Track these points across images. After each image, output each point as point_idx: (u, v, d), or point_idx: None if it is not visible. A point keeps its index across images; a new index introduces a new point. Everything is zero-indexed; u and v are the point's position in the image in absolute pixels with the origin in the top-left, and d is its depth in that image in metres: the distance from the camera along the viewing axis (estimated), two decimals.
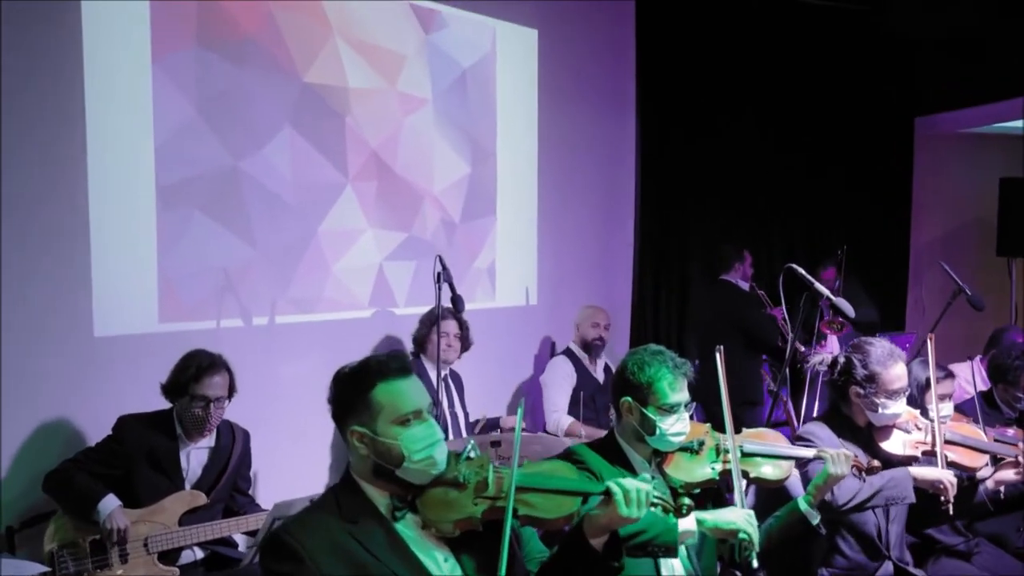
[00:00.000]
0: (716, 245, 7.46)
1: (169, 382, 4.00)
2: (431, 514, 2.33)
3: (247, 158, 4.96)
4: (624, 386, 3.05)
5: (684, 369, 3.04)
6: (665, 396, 2.97)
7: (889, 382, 3.50)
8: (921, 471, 3.51)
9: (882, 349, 3.56)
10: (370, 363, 2.38)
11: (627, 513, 2.31)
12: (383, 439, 2.31)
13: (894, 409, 3.53)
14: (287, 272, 5.20)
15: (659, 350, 3.07)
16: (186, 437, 4.01)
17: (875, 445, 3.61)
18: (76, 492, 3.75)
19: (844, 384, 3.60)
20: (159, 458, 3.94)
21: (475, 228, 6.33)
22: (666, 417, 2.98)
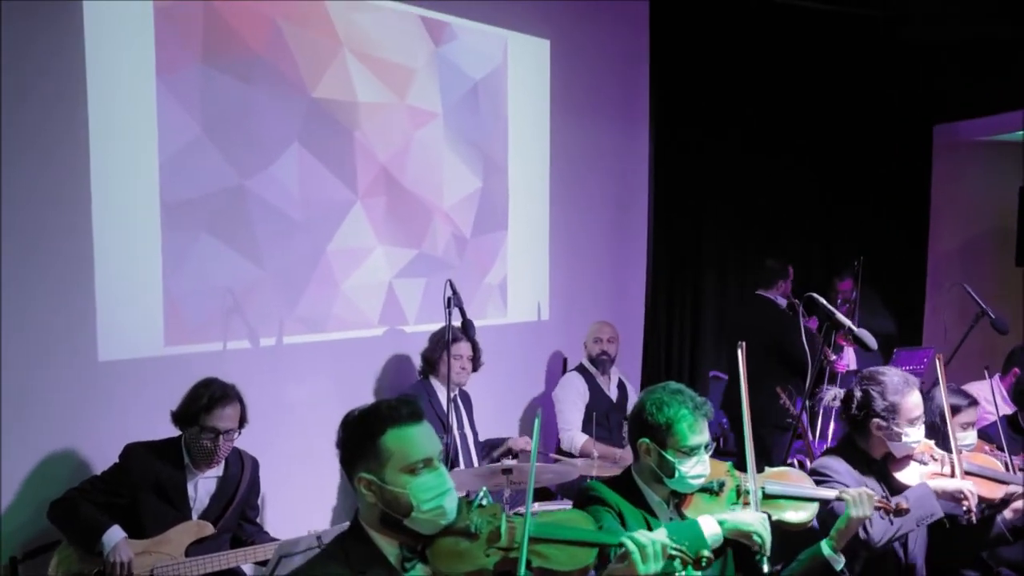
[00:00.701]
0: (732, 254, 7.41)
1: (180, 410, 3.92)
2: (441, 565, 2.26)
3: (254, 176, 4.88)
4: (642, 427, 2.95)
5: (704, 410, 2.93)
6: (685, 439, 2.88)
7: (909, 410, 3.45)
8: (940, 483, 3.46)
9: (898, 378, 3.51)
10: (380, 408, 2.31)
11: (644, 570, 2.25)
12: (391, 487, 2.24)
13: (915, 437, 3.47)
14: (295, 292, 5.12)
15: (678, 389, 2.97)
16: (194, 466, 3.94)
17: (891, 477, 3.54)
18: (81, 523, 3.67)
19: (864, 418, 3.52)
20: (166, 488, 3.86)
21: (486, 243, 6.25)
22: (686, 460, 2.89)
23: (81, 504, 3.70)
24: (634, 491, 2.99)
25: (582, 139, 6.87)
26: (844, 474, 3.45)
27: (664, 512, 2.99)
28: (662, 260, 7.57)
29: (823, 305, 3.79)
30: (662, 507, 2.99)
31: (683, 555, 2.33)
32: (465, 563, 2.27)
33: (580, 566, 2.31)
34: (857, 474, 3.48)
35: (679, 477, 2.90)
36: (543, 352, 6.73)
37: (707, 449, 2.94)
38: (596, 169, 7.02)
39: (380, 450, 2.25)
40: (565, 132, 6.74)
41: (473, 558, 2.27)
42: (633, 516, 2.89)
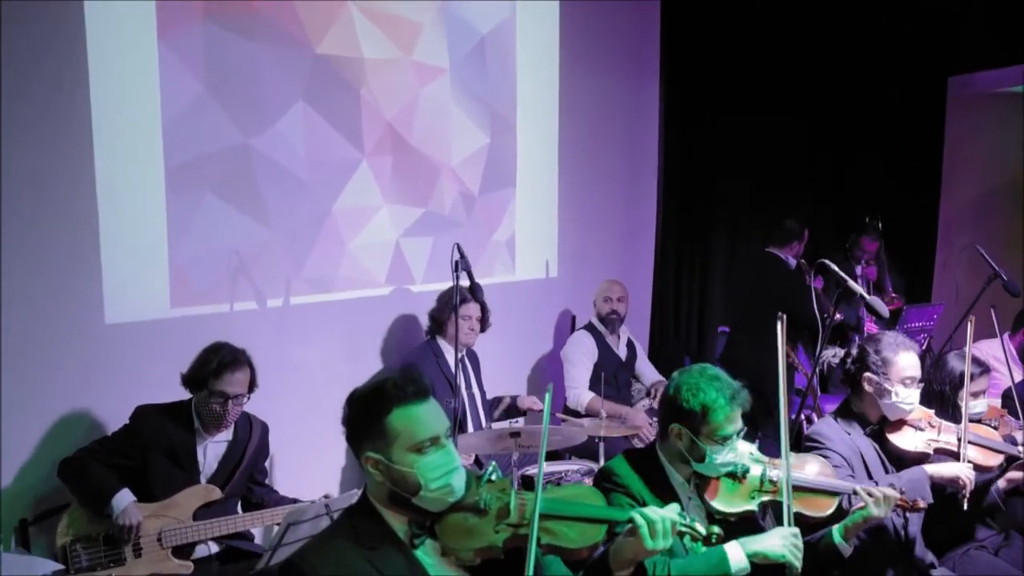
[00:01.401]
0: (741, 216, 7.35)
1: (189, 374, 3.92)
2: (450, 542, 2.25)
3: (259, 135, 4.81)
4: (675, 411, 2.88)
5: (740, 399, 2.85)
6: (721, 428, 2.82)
7: (902, 369, 3.47)
8: (939, 468, 3.46)
9: (893, 338, 3.56)
10: (386, 386, 2.27)
11: (652, 545, 2.24)
12: (398, 467, 2.22)
13: (906, 398, 3.48)
14: (301, 252, 5.08)
15: (716, 375, 2.89)
16: (204, 430, 3.94)
17: (886, 441, 3.55)
18: (91, 484, 3.68)
19: (857, 372, 3.55)
20: (176, 451, 3.87)
21: (494, 201, 6.19)
22: (719, 448, 2.84)
23: (91, 465, 3.71)
24: (657, 470, 2.94)
25: (592, 94, 6.78)
26: (837, 441, 3.48)
27: (684, 492, 2.94)
28: (672, 218, 7.52)
29: (835, 272, 3.75)
30: (684, 487, 2.95)
31: (693, 532, 2.32)
32: (474, 539, 2.25)
33: (590, 543, 2.29)
34: (851, 440, 3.50)
35: (709, 463, 2.87)
36: (552, 310, 6.70)
37: (739, 436, 2.90)
38: (606, 125, 6.94)
39: (386, 430, 2.23)
40: (574, 87, 6.64)
41: (482, 534, 2.26)
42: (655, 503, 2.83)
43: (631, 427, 5.17)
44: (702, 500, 2.94)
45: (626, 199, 7.20)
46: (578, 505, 2.36)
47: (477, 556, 2.25)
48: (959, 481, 3.42)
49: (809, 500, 3.01)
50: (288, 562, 2.21)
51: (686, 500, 2.93)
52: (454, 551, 2.25)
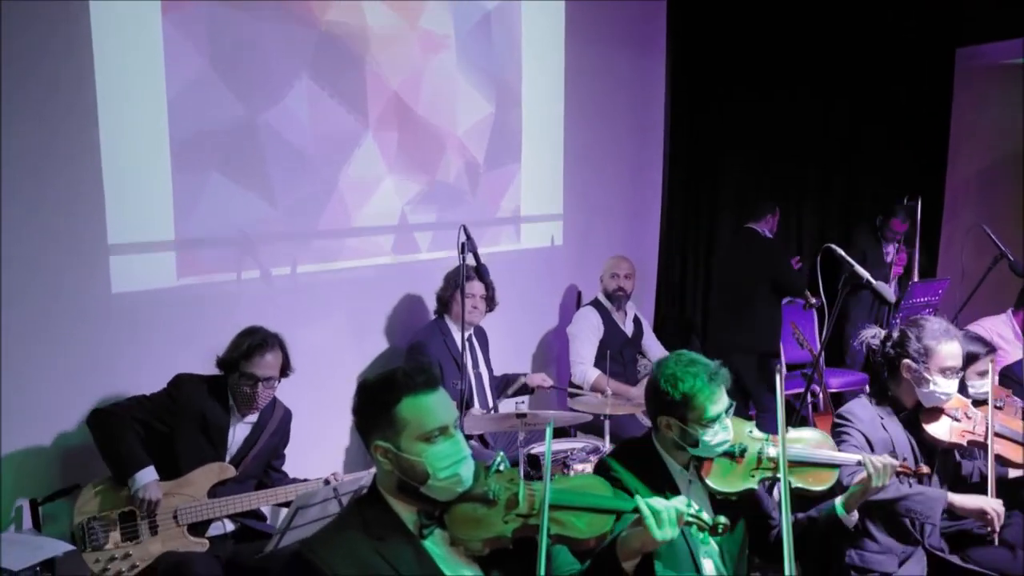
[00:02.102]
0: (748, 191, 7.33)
1: (223, 356, 3.97)
2: (459, 532, 2.26)
3: (264, 110, 4.78)
4: (660, 405, 2.89)
5: (720, 377, 2.86)
6: (705, 411, 2.83)
7: (943, 359, 3.40)
8: (963, 499, 3.39)
9: (939, 325, 3.47)
10: (396, 376, 2.27)
11: (659, 536, 2.24)
12: (407, 456, 2.22)
13: (945, 388, 3.42)
14: (307, 226, 5.07)
15: (691, 360, 2.89)
16: (237, 410, 3.98)
17: (920, 428, 3.50)
18: (121, 451, 3.72)
19: (896, 357, 3.48)
20: (208, 425, 3.92)
21: (500, 173, 6.16)
22: (708, 430, 2.85)
23: (128, 430, 3.74)
24: (655, 460, 2.96)
25: (598, 67, 6.74)
26: (866, 421, 3.44)
27: (684, 478, 2.97)
28: (678, 194, 7.49)
29: (841, 256, 3.73)
30: (682, 474, 2.97)
31: (699, 522, 2.32)
32: (483, 530, 2.26)
33: (598, 533, 2.30)
34: (882, 423, 3.46)
35: (704, 446, 2.87)
36: (557, 285, 6.70)
37: (728, 413, 2.91)
38: (612, 97, 6.89)
39: (395, 419, 2.23)
40: (580, 58, 6.59)
41: (491, 525, 2.27)
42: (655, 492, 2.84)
43: (636, 404, 5.18)
44: (702, 483, 2.96)
45: (632, 175, 7.17)
46: (586, 495, 2.36)
47: (486, 546, 2.25)
48: (985, 516, 3.35)
49: (809, 474, 3.01)
50: (297, 553, 2.21)
51: (686, 485, 2.95)
52: (463, 541, 2.25)
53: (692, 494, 2.95)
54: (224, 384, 3.97)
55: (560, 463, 4.67)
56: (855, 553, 3.45)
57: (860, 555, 3.44)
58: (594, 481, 2.50)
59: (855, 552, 3.45)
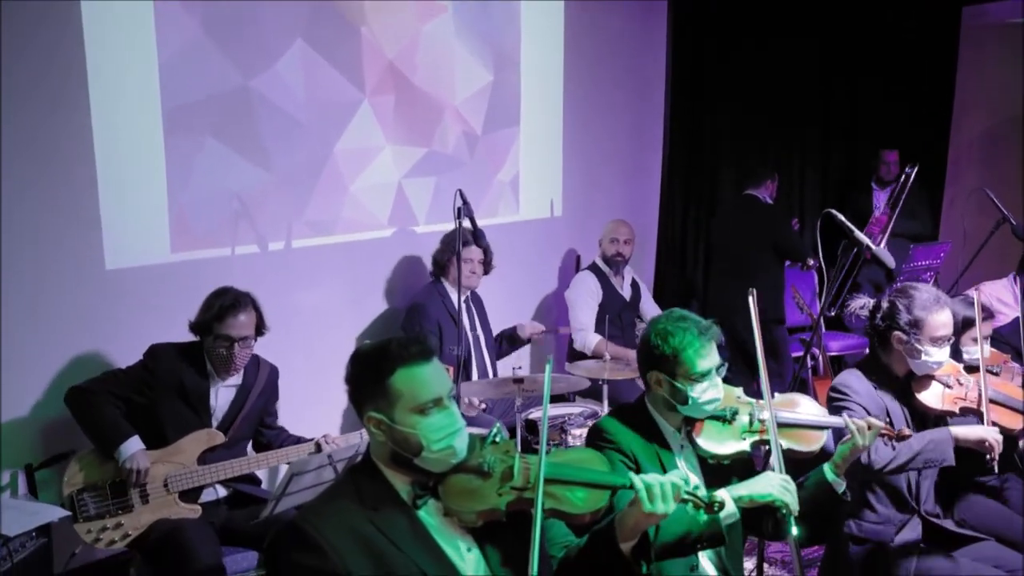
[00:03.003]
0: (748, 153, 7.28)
1: (196, 319, 3.94)
2: (453, 503, 2.24)
3: (258, 76, 4.74)
4: (650, 359, 2.90)
5: (710, 334, 2.88)
6: (694, 365, 2.84)
7: (934, 329, 3.36)
8: (964, 431, 3.37)
9: (928, 295, 3.41)
10: (390, 347, 2.24)
11: (652, 509, 2.20)
12: (400, 427, 2.20)
13: (936, 357, 3.40)
14: (303, 194, 5.04)
15: (682, 315, 2.92)
16: (216, 374, 3.96)
17: (912, 396, 3.48)
18: (102, 425, 3.71)
19: (886, 329, 3.45)
20: (188, 392, 3.90)
21: (498, 140, 6.11)
22: (697, 385, 2.85)
23: (107, 405, 3.73)
24: (647, 422, 2.96)
25: (597, 30, 6.65)
26: (863, 393, 3.41)
27: (676, 440, 2.97)
28: (679, 156, 7.43)
29: (841, 222, 3.70)
30: (675, 436, 2.97)
31: (696, 499, 2.29)
32: (477, 501, 2.24)
33: (593, 508, 2.27)
34: (876, 393, 3.44)
35: (693, 403, 2.87)
36: (556, 250, 6.67)
37: (718, 371, 2.91)
38: (612, 62, 6.82)
39: (389, 390, 2.20)
40: (579, 23, 6.52)
41: (485, 497, 2.24)
42: (648, 458, 2.87)
43: (635, 369, 5.16)
44: (694, 446, 2.96)
45: (632, 137, 7.11)
46: (582, 470, 2.33)
47: (480, 518, 2.23)
48: (985, 444, 3.33)
49: (798, 435, 3.04)
50: (291, 522, 2.20)
51: (678, 448, 2.96)
52: (457, 513, 2.23)
53: (684, 457, 2.96)
54: (200, 349, 3.94)
55: (558, 428, 4.68)
56: (853, 523, 3.45)
57: (859, 525, 3.44)
58: (591, 455, 2.47)
59: (853, 522, 3.45)
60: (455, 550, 2.24)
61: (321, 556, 2.10)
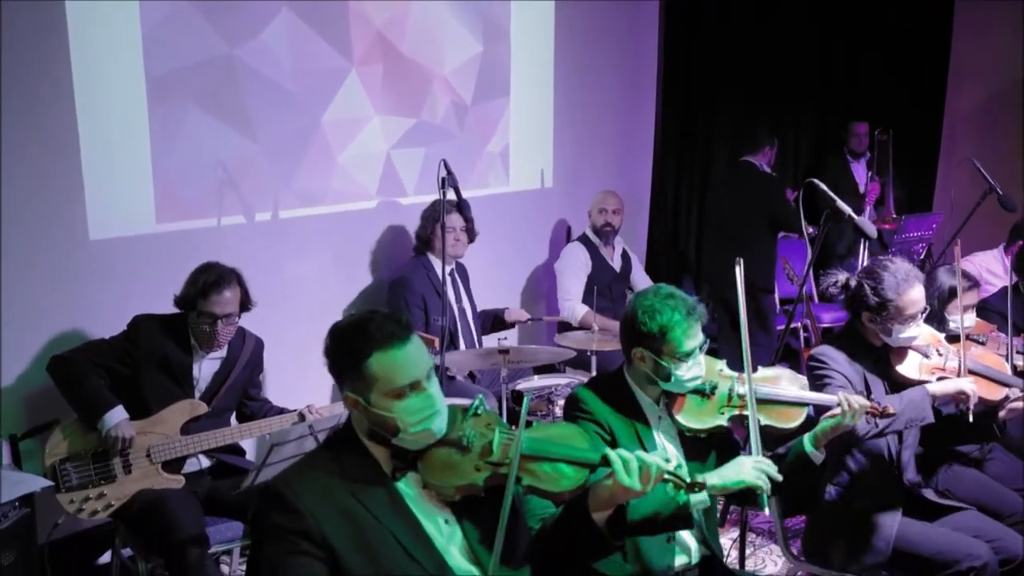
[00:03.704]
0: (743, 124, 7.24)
1: (180, 295, 3.92)
2: (432, 477, 2.24)
3: (243, 45, 4.70)
4: (635, 335, 2.89)
5: (697, 314, 2.87)
6: (680, 344, 2.83)
7: (904, 308, 3.34)
8: (940, 385, 3.37)
9: (896, 275, 3.36)
10: (368, 327, 2.21)
11: (628, 483, 2.19)
12: (376, 410, 2.20)
13: (909, 333, 3.39)
14: (290, 165, 5.01)
15: (670, 293, 2.90)
16: (199, 347, 3.95)
17: (890, 367, 3.48)
18: (85, 394, 3.70)
19: (856, 309, 3.45)
20: (171, 365, 3.89)
21: (488, 110, 6.08)
22: (682, 364, 2.85)
23: (89, 374, 3.72)
24: (626, 395, 2.96)
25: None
26: (841, 363, 3.40)
27: (654, 413, 2.97)
28: (672, 126, 7.39)
29: (823, 191, 3.68)
30: (653, 409, 2.97)
31: (676, 479, 2.28)
32: (456, 476, 2.23)
33: (572, 486, 2.26)
34: (855, 364, 3.43)
35: (675, 380, 2.87)
36: (547, 221, 6.65)
37: (701, 349, 2.91)
38: (603, 32, 6.76)
39: (365, 373, 2.19)
40: None
41: (464, 473, 2.24)
42: (624, 430, 2.87)
43: None
44: (672, 420, 2.96)
45: (625, 108, 7.07)
46: (562, 447, 2.32)
47: (458, 493, 2.23)
48: (962, 395, 3.34)
49: (777, 411, 3.02)
50: (270, 486, 2.20)
51: (656, 421, 2.96)
52: (435, 486, 2.23)
53: (662, 430, 2.96)
54: (183, 322, 3.93)
55: (545, 399, 4.68)
56: (833, 490, 3.46)
57: (839, 492, 3.45)
58: (572, 431, 2.45)
59: (833, 489, 3.46)
60: (433, 523, 2.25)
61: (299, 518, 2.11)
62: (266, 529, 2.16)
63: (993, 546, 3.34)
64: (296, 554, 2.10)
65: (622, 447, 2.43)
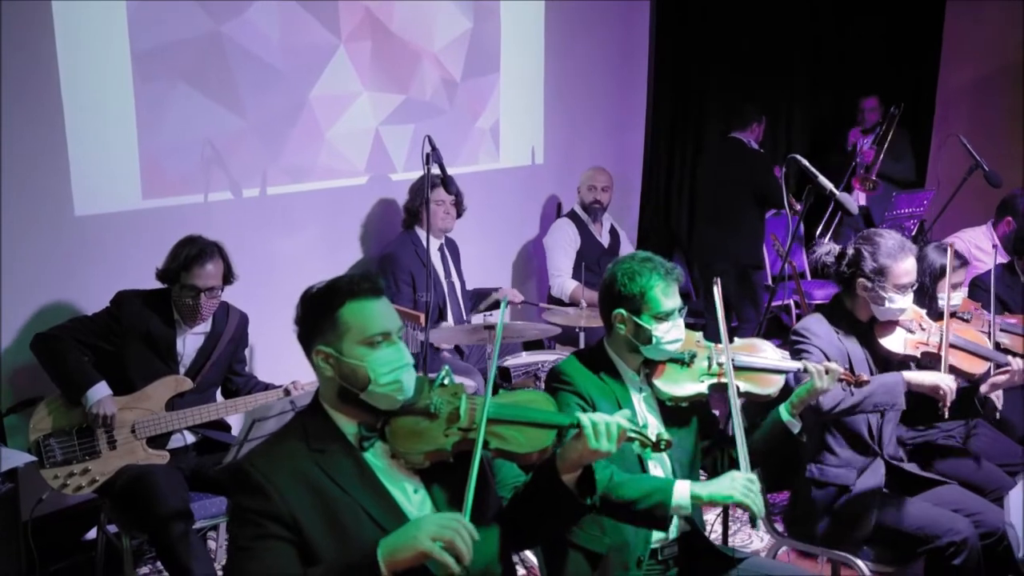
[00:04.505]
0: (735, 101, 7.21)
1: (162, 268, 3.92)
2: (400, 445, 2.25)
3: (229, 21, 4.68)
4: (615, 298, 2.93)
5: (675, 275, 2.92)
6: (659, 304, 2.87)
7: (898, 276, 3.37)
8: (918, 376, 3.39)
9: (893, 242, 3.41)
10: (340, 282, 2.28)
11: (597, 446, 2.21)
12: (348, 360, 2.22)
13: (900, 304, 3.41)
14: (278, 141, 5.00)
15: (647, 256, 2.95)
16: (183, 322, 3.95)
17: (875, 341, 3.50)
18: (68, 371, 3.70)
19: (851, 276, 3.46)
20: (155, 340, 3.89)
21: (478, 86, 6.06)
22: (661, 324, 2.88)
23: (71, 352, 3.72)
24: (607, 364, 2.99)
25: None
26: (823, 336, 3.42)
27: (635, 383, 2.99)
28: (664, 103, 7.37)
29: (805, 167, 3.68)
30: (634, 378, 3.00)
31: (641, 437, 2.30)
32: (424, 443, 2.25)
33: (539, 448, 2.28)
34: (838, 337, 3.45)
35: (656, 343, 2.90)
36: (538, 197, 6.65)
37: (680, 313, 2.94)
38: (595, 7, 6.73)
39: (338, 322, 2.23)
40: None
41: (432, 438, 2.26)
42: (606, 400, 2.89)
43: None
44: (653, 389, 2.98)
45: (617, 84, 7.05)
46: (528, 410, 2.34)
47: (427, 459, 2.24)
48: (939, 391, 3.35)
49: (756, 378, 3.05)
50: (237, 465, 2.22)
51: (637, 391, 2.98)
52: (404, 454, 2.25)
53: (643, 400, 2.98)
54: (167, 297, 3.93)
55: (532, 375, 4.69)
56: (815, 467, 3.47)
57: (820, 469, 3.46)
58: (537, 396, 2.47)
59: (815, 466, 3.47)
60: (401, 491, 2.26)
61: (265, 498, 2.11)
62: (234, 511, 2.18)
63: (974, 520, 3.36)
64: (265, 538, 2.10)
65: None
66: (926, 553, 3.32)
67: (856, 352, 3.45)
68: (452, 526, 2.02)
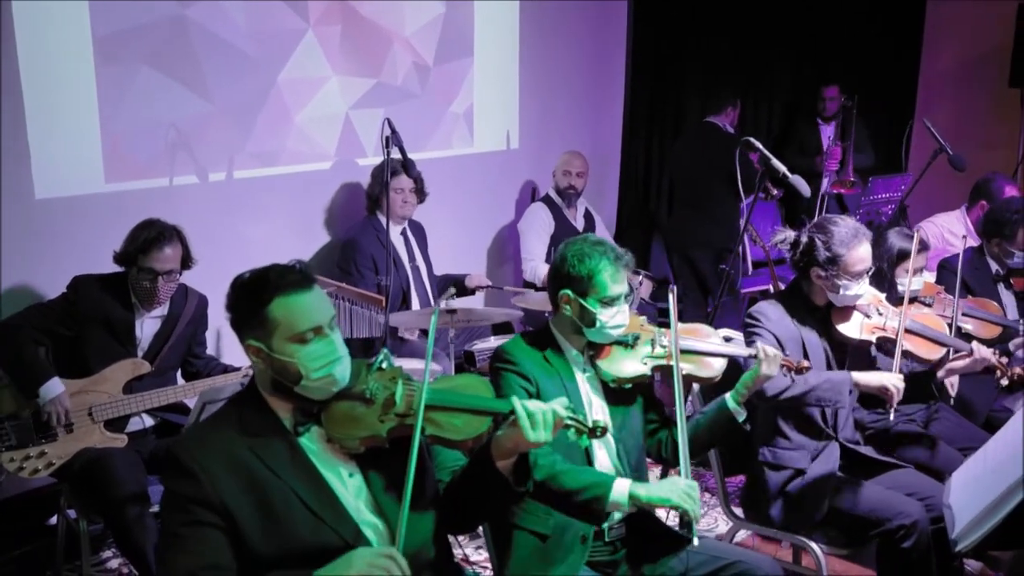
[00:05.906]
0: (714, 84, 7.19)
1: (120, 251, 3.89)
2: (335, 430, 2.25)
3: (195, 4, 4.66)
4: (563, 278, 2.92)
5: (624, 260, 2.92)
6: (606, 288, 2.86)
7: (852, 264, 3.36)
8: (866, 376, 3.39)
9: (846, 229, 3.38)
10: (268, 275, 2.23)
11: (533, 438, 2.20)
12: (279, 356, 2.20)
13: (856, 290, 3.40)
14: (246, 125, 4.98)
15: (599, 240, 2.95)
16: (140, 305, 3.93)
17: (831, 326, 3.49)
18: (22, 364, 3.67)
19: (805, 265, 3.45)
20: (113, 324, 3.87)
21: (451, 71, 6.03)
22: (606, 309, 2.88)
23: (26, 344, 3.69)
24: (552, 345, 2.99)
25: None
26: (775, 321, 3.41)
27: (579, 363, 3.00)
28: (642, 83, 7.34)
29: (759, 149, 3.67)
30: (578, 359, 3.00)
31: (577, 424, 2.29)
32: (360, 428, 2.25)
33: (474, 434, 2.28)
34: (793, 322, 3.44)
35: (599, 327, 2.90)
36: (513, 182, 6.63)
37: (626, 299, 2.94)
38: None
39: (267, 319, 2.20)
40: None
41: (367, 424, 2.25)
42: (549, 380, 2.89)
43: None
44: (596, 370, 2.98)
45: (593, 67, 7.02)
46: (464, 396, 2.34)
47: (362, 444, 2.24)
48: (886, 391, 3.35)
49: (696, 360, 3.06)
50: (170, 451, 2.20)
51: (580, 372, 2.98)
52: (339, 439, 2.24)
53: (587, 380, 2.99)
54: (124, 280, 3.91)
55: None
56: (767, 451, 3.46)
57: (773, 452, 3.45)
58: (475, 382, 2.47)
59: (767, 449, 3.46)
60: (336, 476, 2.26)
61: (195, 483, 2.11)
62: (165, 496, 2.18)
63: (926, 503, 3.35)
64: (194, 525, 2.10)
65: (546, 398, 2.47)
66: (877, 536, 3.31)
67: (811, 338, 3.44)
68: (382, 563, 2.02)
